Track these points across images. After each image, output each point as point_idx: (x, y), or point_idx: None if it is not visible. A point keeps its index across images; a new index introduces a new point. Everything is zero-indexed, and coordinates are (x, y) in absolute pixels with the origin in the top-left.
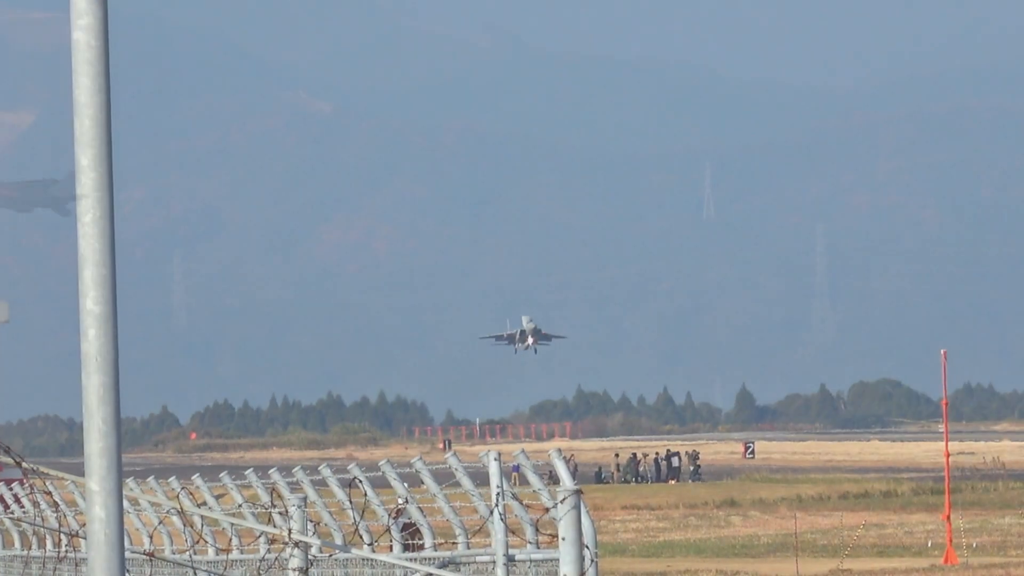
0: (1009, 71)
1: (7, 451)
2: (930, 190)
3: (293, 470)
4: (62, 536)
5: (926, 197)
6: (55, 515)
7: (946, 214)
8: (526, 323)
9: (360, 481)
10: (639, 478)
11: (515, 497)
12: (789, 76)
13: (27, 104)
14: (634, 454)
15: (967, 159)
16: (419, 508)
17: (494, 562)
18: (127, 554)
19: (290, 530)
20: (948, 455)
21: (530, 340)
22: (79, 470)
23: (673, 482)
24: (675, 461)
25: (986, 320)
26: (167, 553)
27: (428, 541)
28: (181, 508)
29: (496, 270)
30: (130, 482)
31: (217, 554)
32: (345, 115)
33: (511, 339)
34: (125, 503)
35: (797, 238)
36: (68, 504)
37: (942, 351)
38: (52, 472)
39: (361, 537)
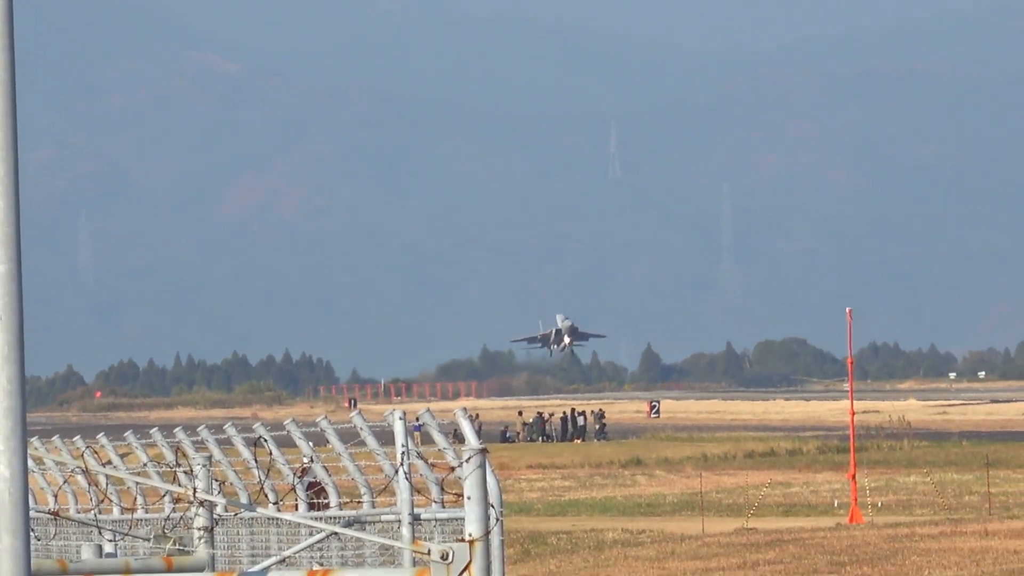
0: (916, 32)
1: None
2: (837, 151)
3: (198, 429)
4: None
5: (833, 158)
6: None
7: (853, 175)
8: (561, 322)
9: (265, 440)
10: (545, 437)
11: (420, 456)
12: (697, 38)
13: None
14: (540, 413)
15: (874, 120)
16: (324, 467)
17: (399, 521)
18: (32, 513)
19: (195, 489)
20: (853, 414)
21: (566, 340)
22: None
23: (579, 441)
24: (580, 420)
25: (892, 279)
26: (72, 512)
27: (333, 500)
28: (86, 467)
29: (402, 230)
30: (35, 441)
31: (122, 513)
32: (252, 76)
33: (545, 340)
34: (30, 462)
35: (704, 198)
36: None
37: (847, 310)
38: None
39: (266, 496)
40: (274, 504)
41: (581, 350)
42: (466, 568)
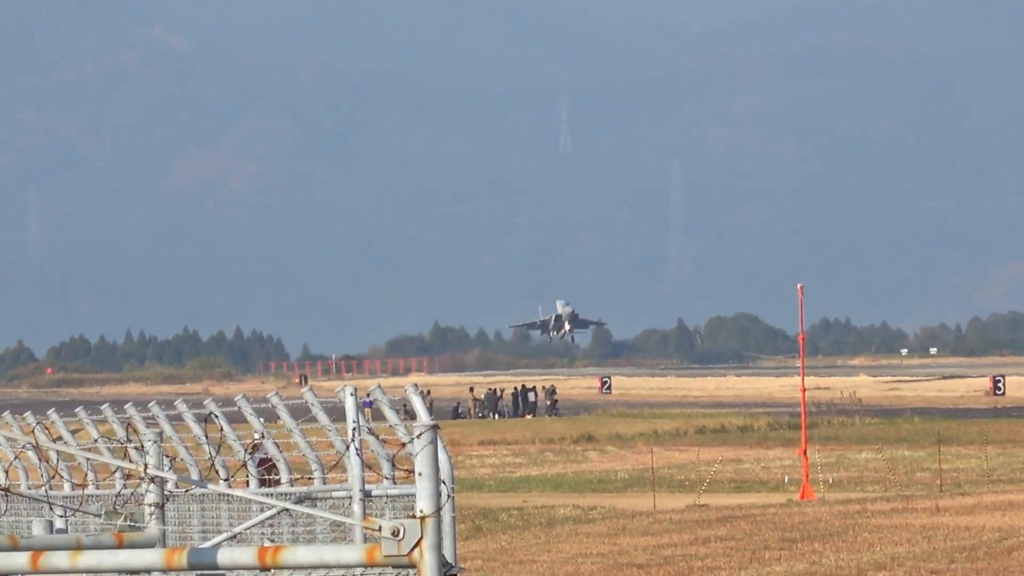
0: (866, 8)
1: None
2: (787, 126)
3: (149, 405)
4: None
5: (783, 133)
6: None
7: (803, 150)
8: (561, 308)
9: (216, 416)
10: (497, 413)
11: (371, 432)
12: (648, 13)
13: None
14: (493, 389)
15: (824, 95)
16: (275, 443)
17: (350, 497)
18: None
19: (146, 465)
20: (804, 390)
21: (566, 327)
22: None
23: (530, 417)
24: (532, 396)
25: (843, 255)
26: (22, 488)
27: (284, 476)
28: (36, 443)
29: (353, 205)
30: None
31: (73, 489)
32: (201, 51)
33: (545, 326)
34: None
35: (654, 173)
36: None
37: (798, 286)
38: None
39: (217, 472)
40: (225, 480)
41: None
42: (417, 544)
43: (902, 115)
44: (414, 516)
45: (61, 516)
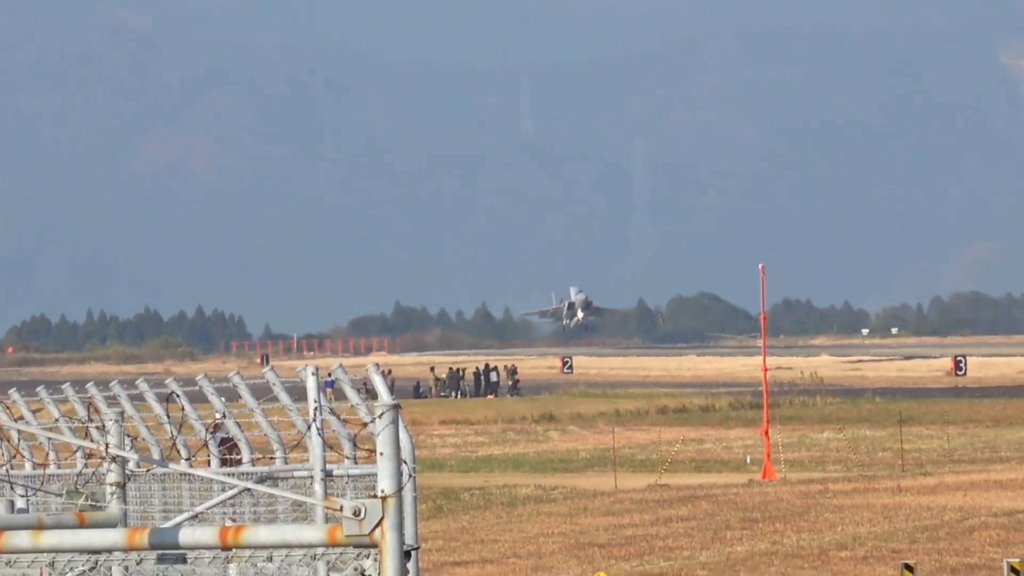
0: None
1: None
2: (750, 107)
3: (110, 384)
4: None
5: (746, 114)
6: None
7: (766, 131)
8: (575, 295)
9: (177, 396)
10: (458, 392)
11: (333, 412)
12: None
13: None
14: (454, 369)
15: (787, 77)
16: (237, 423)
17: (312, 477)
18: None
19: (107, 444)
20: (766, 370)
21: (580, 314)
22: None
23: (491, 397)
24: (493, 376)
25: (805, 235)
26: None
27: (246, 456)
28: None
29: (315, 185)
30: None
31: (34, 468)
32: (163, 30)
33: (557, 314)
34: None
35: (617, 154)
36: None
37: (760, 266)
38: None
39: (179, 452)
40: (186, 460)
41: (496, 306)
42: (378, 524)
43: (865, 96)
44: (375, 496)
45: (22, 496)
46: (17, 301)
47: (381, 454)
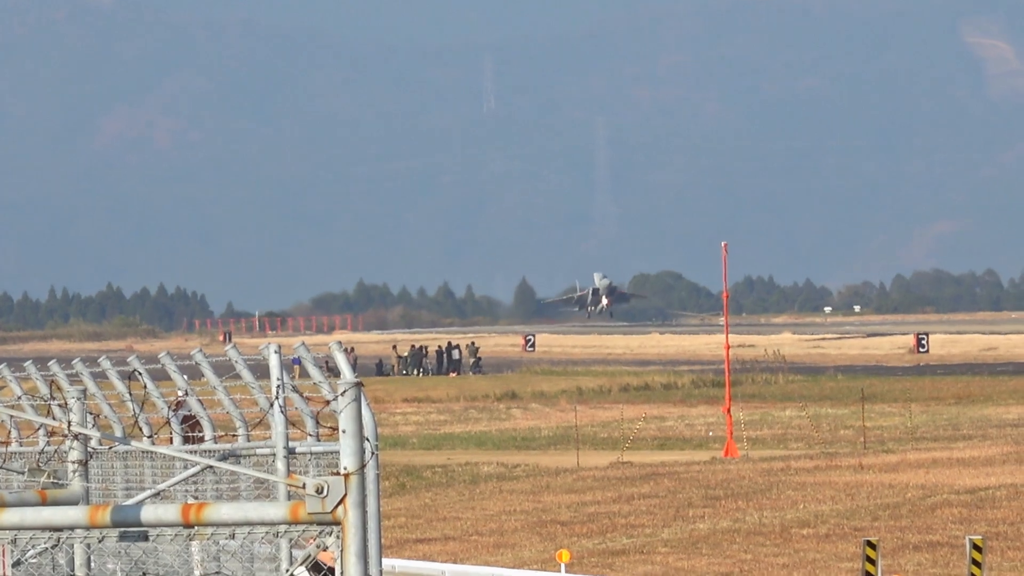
0: None
1: None
2: (712, 84)
3: (73, 362)
4: None
5: (708, 91)
6: None
7: (727, 108)
8: (599, 280)
9: (140, 373)
10: (421, 370)
11: (295, 390)
12: None
13: None
14: (418, 346)
15: (749, 53)
16: (199, 401)
17: (274, 454)
18: None
19: (69, 422)
20: (728, 348)
21: (604, 301)
22: None
23: (454, 375)
24: (456, 354)
25: (767, 213)
26: None
27: (208, 434)
28: None
29: (277, 163)
30: None
31: None
32: (126, 8)
33: (582, 302)
34: None
35: (579, 131)
36: None
37: (723, 243)
38: None
39: (141, 429)
40: (148, 437)
41: (458, 284)
42: (341, 501)
43: (827, 73)
44: (338, 473)
45: None
46: None
47: (343, 432)
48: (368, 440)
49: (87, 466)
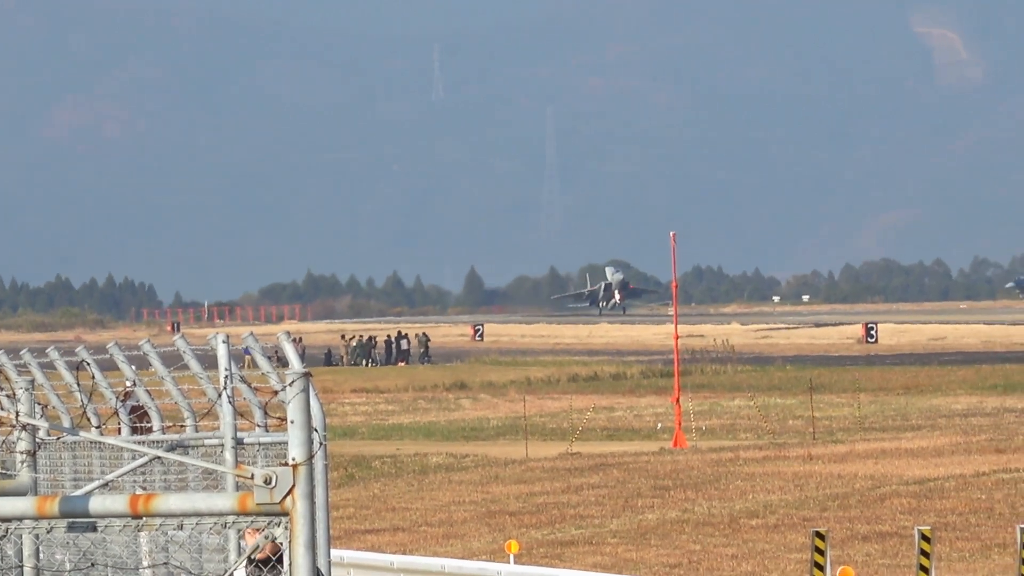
0: None
1: None
2: (662, 74)
3: (20, 352)
4: None
5: (658, 81)
6: None
7: (677, 98)
8: (611, 275)
9: (88, 364)
10: (369, 360)
11: (244, 380)
12: None
13: None
14: (365, 336)
15: (698, 43)
16: (147, 391)
17: (222, 445)
18: None
19: (17, 413)
20: (677, 337)
21: (616, 296)
22: None
23: (402, 365)
24: (404, 344)
25: (716, 202)
26: None
27: (156, 424)
28: None
29: (227, 152)
30: None
31: None
32: None
33: (593, 297)
34: None
35: (528, 121)
36: None
37: (671, 233)
38: None
39: (89, 420)
40: (97, 428)
41: (407, 274)
42: (289, 492)
43: (776, 64)
44: (286, 464)
45: None
46: None
47: (292, 422)
48: (316, 431)
49: (35, 456)
